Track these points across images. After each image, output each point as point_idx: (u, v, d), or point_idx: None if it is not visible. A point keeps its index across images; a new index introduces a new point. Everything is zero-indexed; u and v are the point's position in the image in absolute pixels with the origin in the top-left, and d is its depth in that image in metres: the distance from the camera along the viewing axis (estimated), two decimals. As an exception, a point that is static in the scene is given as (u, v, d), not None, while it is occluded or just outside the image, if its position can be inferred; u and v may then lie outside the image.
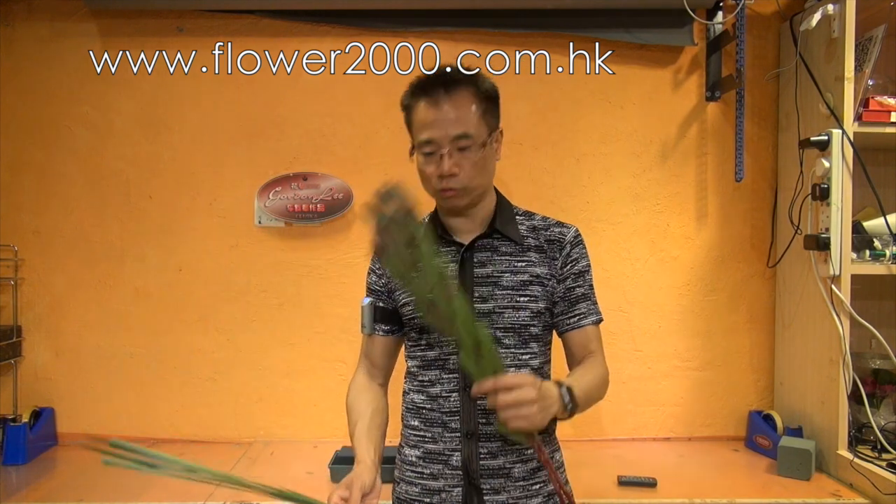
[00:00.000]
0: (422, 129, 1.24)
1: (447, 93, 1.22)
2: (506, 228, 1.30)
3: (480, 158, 1.23)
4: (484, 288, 1.26)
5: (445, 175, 1.22)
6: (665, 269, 2.26)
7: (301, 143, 2.23)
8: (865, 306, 1.90)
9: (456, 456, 1.25)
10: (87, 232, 2.22)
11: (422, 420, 1.30)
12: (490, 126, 1.26)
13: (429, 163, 1.24)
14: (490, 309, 1.26)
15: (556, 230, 1.32)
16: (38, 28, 2.20)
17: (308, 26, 2.21)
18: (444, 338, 1.27)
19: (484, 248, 1.29)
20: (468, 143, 1.21)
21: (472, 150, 1.22)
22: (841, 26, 1.86)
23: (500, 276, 1.27)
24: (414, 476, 1.30)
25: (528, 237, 1.31)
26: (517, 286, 1.27)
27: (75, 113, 2.21)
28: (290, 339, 2.24)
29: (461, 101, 1.22)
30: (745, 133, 2.18)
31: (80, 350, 2.22)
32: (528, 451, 1.26)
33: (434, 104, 1.22)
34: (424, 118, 1.23)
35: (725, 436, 2.26)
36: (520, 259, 1.29)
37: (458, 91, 1.22)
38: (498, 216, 1.31)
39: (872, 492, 1.70)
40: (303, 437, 2.23)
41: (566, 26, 2.18)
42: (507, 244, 1.30)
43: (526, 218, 1.34)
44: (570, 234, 1.31)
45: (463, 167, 1.22)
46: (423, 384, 1.30)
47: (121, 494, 1.76)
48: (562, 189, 2.25)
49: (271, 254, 2.23)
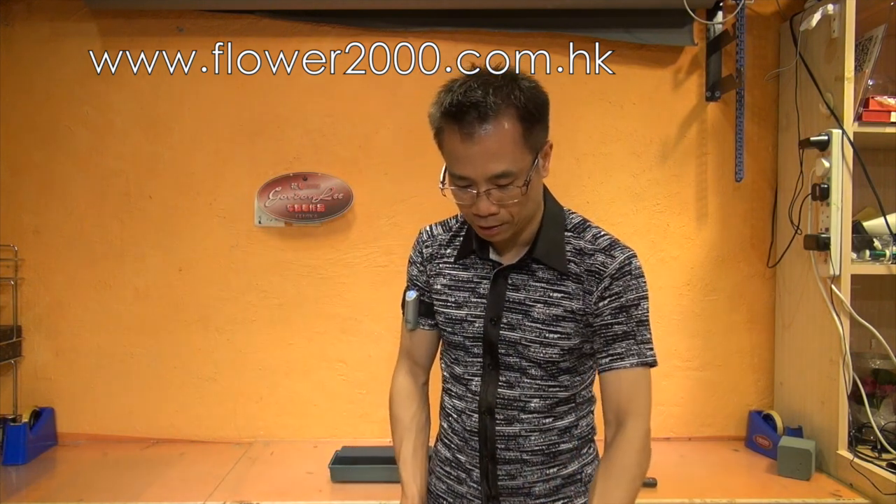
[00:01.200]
0: (454, 163, 1.08)
1: (483, 123, 1.03)
2: (548, 256, 1.16)
3: (523, 196, 1.08)
4: (514, 315, 1.17)
5: (483, 215, 1.09)
6: (665, 269, 2.26)
7: (301, 143, 2.23)
8: (865, 306, 1.90)
9: (476, 472, 1.23)
10: (87, 232, 2.22)
11: (449, 426, 1.28)
12: (535, 149, 1.09)
13: (463, 197, 1.10)
14: (517, 339, 1.17)
15: (600, 259, 1.15)
16: (38, 28, 2.20)
17: (308, 26, 2.21)
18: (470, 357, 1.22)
19: (521, 269, 1.18)
20: (508, 182, 1.06)
21: (514, 187, 1.07)
22: (841, 26, 1.86)
23: (531, 305, 1.16)
24: (443, 474, 1.30)
25: (572, 261, 1.17)
26: (548, 321, 1.16)
27: (75, 113, 2.21)
28: (290, 339, 2.24)
29: (499, 134, 1.03)
30: (745, 133, 2.18)
31: (80, 350, 2.22)
32: (550, 470, 1.21)
33: (468, 138, 1.04)
34: (457, 152, 1.06)
35: (725, 436, 2.26)
36: (556, 289, 1.16)
37: (497, 120, 1.03)
38: (541, 239, 1.17)
39: (872, 492, 1.70)
40: (303, 437, 2.23)
41: (566, 26, 2.18)
42: (545, 268, 1.17)
43: (575, 235, 1.19)
44: (613, 266, 1.14)
45: (504, 201, 1.08)
46: (451, 394, 1.27)
47: (121, 494, 1.76)
48: (562, 189, 2.20)
49: (271, 254, 2.23)
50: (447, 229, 1.29)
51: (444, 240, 1.28)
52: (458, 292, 1.23)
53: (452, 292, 1.23)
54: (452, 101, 1.04)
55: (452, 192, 1.11)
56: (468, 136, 1.03)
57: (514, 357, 1.18)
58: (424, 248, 1.29)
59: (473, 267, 1.23)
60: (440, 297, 1.25)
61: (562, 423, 1.20)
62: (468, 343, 1.21)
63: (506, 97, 1.04)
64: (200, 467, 1.97)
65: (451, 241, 1.27)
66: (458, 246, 1.26)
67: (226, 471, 1.93)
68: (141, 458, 2.08)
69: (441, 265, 1.26)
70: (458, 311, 1.22)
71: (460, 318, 1.22)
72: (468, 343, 1.21)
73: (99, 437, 2.21)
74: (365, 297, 2.23)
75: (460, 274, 1.24)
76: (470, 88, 1.04)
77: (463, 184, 1.08)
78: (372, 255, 2.23)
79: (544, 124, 1.11)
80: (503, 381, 1.19)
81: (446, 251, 1.27)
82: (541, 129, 1.10)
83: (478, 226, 1.13)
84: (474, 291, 1.21)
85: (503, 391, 1.19)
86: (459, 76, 1.10)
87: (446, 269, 1.26)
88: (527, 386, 1.18)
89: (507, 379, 1.19)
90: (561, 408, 1.20)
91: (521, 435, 1.19)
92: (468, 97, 1.03)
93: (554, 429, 1.20)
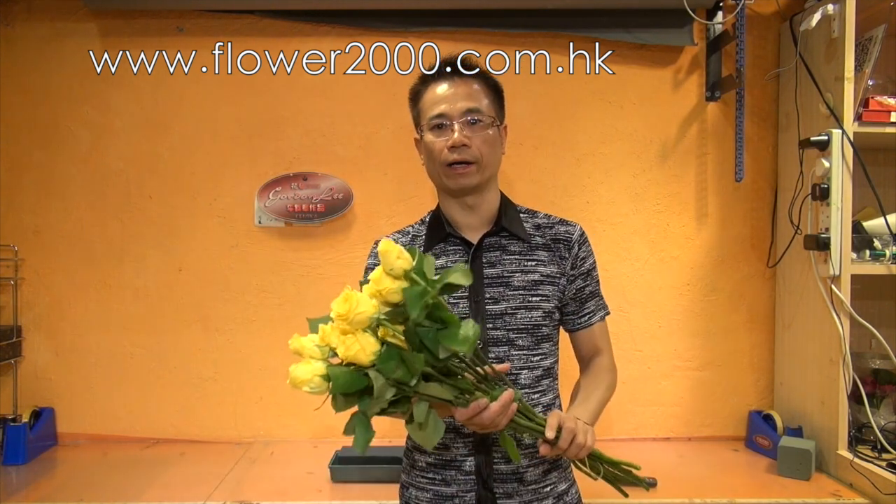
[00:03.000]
0: (433, 106, 1.26)
1: (459, 75, 1.27)
2: (513, 226, 1.30)
3: (490, 136, 1.25)
4: (495, 289, 1.26)
5: (457, 145, 1.23)
6: (665, 269, 2.26)
7: (301, 143, 2.23)
8: (865, 306, 1.90)
9: (469, 461, 1.24)
10: (87, 232, 2.22)
11: None
12: (497, 115, 1.29)
13: (439, 136, 1.25)
14: (502, 310, 1.25)
15: (562, 228, 1.32)
16: (38, 28, 2.20)
17: (308, 26, 2.21)
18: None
19: (492, 248, 1.29)
20: (479, 118, 1.24)
21: (483, 126, 1.25)
22: (841, 26, 1.86)
23: (510, 276, 1.27)
24: (426, 482, 1.28)
25: (535, 235, 1.31)
26: (528, 286, 1.27)
27: (75, 113, 2.21)
28: (290, 338, 2.23)
29: (472, 83, 1.27)
30: (745, 133, 2.18)
31: (80, 350, 2.22)
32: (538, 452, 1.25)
33: (446, 82, 1.26)
34: (436, 95, 1.26)
35: (725, 436, 2.26)
36: (529, 258, 1.29)
37: (470, 77, 1.27)
38: (503, 213, 1.30)
39: (872, 492, 1.70)
40: (303, 437, 2.23)
41: (566, 26, 2.18)
42: (515, 243, 1.29)
43: (529, 216, 1.34)
44: (577, 233, 1.32)
45: (474, 139, 1.24)
46: None
47: (121, 494, 1.76)
48: (562, 189, 2.25)
49: (271, 254, 2.23)
50: (406, 234, 1.37)
51: (405, 242, 1.34)
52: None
53: None
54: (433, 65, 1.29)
55: (426, 143, 1.26)
56: (447, 80, 1.26)
57: (501, 330, 1.24)
58: None
59: (445, 254, 1.30)
60: None
61: (544, 399, 1.28)
62: None
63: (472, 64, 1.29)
64: (200, 467, 1.97)
65: (413, 240, 1.34)
66: (423, 242, 1.32)
67: (226, 471, 1.93)
68: (141, 458, 2.08)
69: None
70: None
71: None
72: None
73: (99, 437, 2.22)
74: (365, 297, 2.23)
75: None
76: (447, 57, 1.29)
77: (439, 121, 1.24)
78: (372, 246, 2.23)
79: (503, 107, 1.33)
80: (493, 357, 1.24)
81: None
82: (501, 106, 1.32)
83: (450, 164, 1.24)
84: None
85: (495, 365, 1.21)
86: None
87: None
88: (515, 358, 1.25)
89: (497, 354, 1.25)
90: (545, 381, 1.29)
91: None
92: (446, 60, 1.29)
93: (539, 405, 1.26)
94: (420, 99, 1.30)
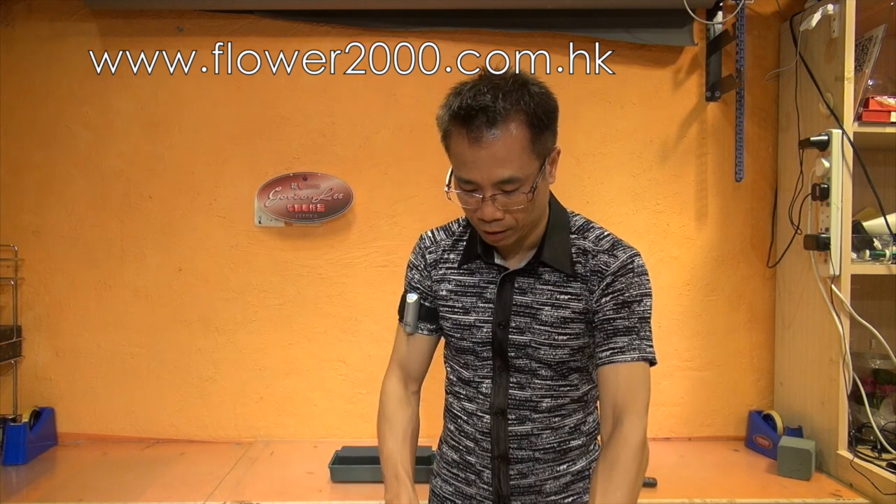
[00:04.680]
0: (461, 166, 1.07)
1: (491, 128, 1.02)
2: (554, 259, 1.16)
3: (529, 202, 1.08)
4: (522, 318, 1.17)
5: (488, 220, 1.08)
6: (665, 269, 2.26)
7: (301, 143, 2.23)
8: (865, 306, 1.90)
9: (487, 473, 1.23)
10: (87, 232, 2.22)
11: (457, 428, 1.27)
12: (543, 155, 1.08)
13: (469, 201, 1.09)
14: (526, 342, 1.17)
15: (604, 259, 1.15)
16: (38, 28, 2.20)
17: (308, 26, 2.21)
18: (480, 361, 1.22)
19: (527, 273, 1.18)
20: (514, 187, 1.05)
21: (520, 193, 1.06)
22: (841, 26, 1.86)
23: (539, 308, 1.16)
24: (450, 476, 1.29)
25: (577, 262, 1.17)
26: (556, 323, 1.16)
27: (75, 113, 2.21)
28: (290, 339, 2.24)
29: (507, 139, 1.02)
30: (745, 133, 2.18)
31: (80, 350, 2.22)
32: (560, 467, 1.22)
33: (475, 142, 1.03)
34: (464, 155, 1.05)
35: (725, 436, 2.26)
36: (563, 291, 1.17)
37: (505, 125, 1.02)
38: (547, 241, 1.17)
39: (872, 492, 1.70)
40: (303, 437, 2.23)
41: (566, 26, 2.18)
42: (551, 271, 1.17)
43: (580, 236, 1.19)
44: (616, 265, 1.14)
45: (509, 206, 1.07)
46: (459, 397, 1.26)
47: (121, 494, 1.76)
48: (562, 189, 2.20)
49: (271, 254, 2.23)
50: (450, 234, 1.28)
51: (448, 245, 1.27)
52: (465, 297, 1.22)
53: (459, 297, 1.23)
54: (462, 104, 1.03)
55: (458, 196, 1.11)
56: (476, 140, 1.02)
57: (523, 360, 1.18)
58: (427, 253, 1.28)
59: (479, 272, 1.22)
60: (446, 304, 1.24)
61: (571, 420, 1.22)
62: (478, 348, 1.21)
63: (515, 102, 1.03)
64: (200, 467, 1.97)
65: (455, 245, 1.26)
66: (462, 251, 1.25)
67: (226, 471, 1.93)
68: (141, 458, 2.08)
69: (445, 270, 1.25)
70: (465, 316, 1.21)
71: (469, 324, 1.21)
72: (478, 348, 1.21)
73: (99, 437, 2.22)
74: (365, 297, 2.23)
75: (466, 279, 1.23)
76: (479, 92, 1.03)
77: (469, 188, 1.08)
78: (371, 255, 2.23)
79: (553, 130, 1.10)
80: (514, 382, 1.19)
81: (450, 256, 1.26)
82: (549, 135, 1.09)
83: (483, 230, 1.13)
84: (481, 296, 1.21)
85: (514, 392, 1.19)
86: (469, 79, 1.09)
87: (451, 274, 1.25)
88: (538, 387, 1.19)
89: (518, 381, 1.19)
90: (572, 406, 1.21)
91: (532, 434, 1.20)
92: (477, 101, 1.02)
93: (565, 426, 1.21)
94: (449, 140, 1.09)
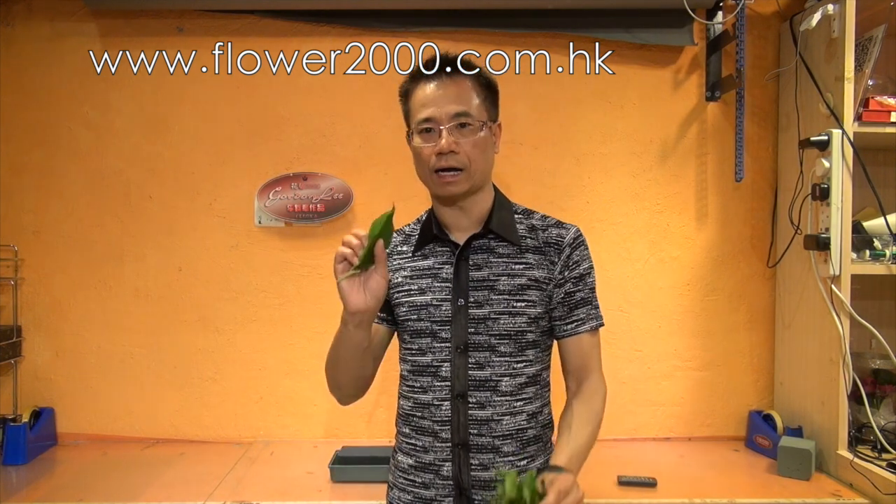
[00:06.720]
0: (421, 108, 1.22)
1: (448, 74, 1.22)
2: (502, 228, 1.25)
3: (480, 140, 1.21)
4: (479, 292, 1.23)
5: (444, 152, 1.19)
6: (665, 269, 2.26)
7: (301, 143, 2.23)
8: (865, 306, 1.90)
9: (447, 466, 1.23)
10: (87, 232, 2.22)
11: (413, 428, 1.28)
12: (489, 114, 1.25)
13: (427, 141, 1.21)
14: (486, 315, 1.22)
15: (555, 231, 1.27)
16: (38, 28, 2.20)
17: (308, 26, 2.21)
18: (438, 343, 1.24)
19: (480, 250, 1.26)
20: (468, 121, 1.20)
21: (472, 130, 1.20)
22: (841, 26, 1.86)
23: (496, 279, 1.23)
24: (406, 483, 1.29)
25: (527, 237, 1.26)
26: (514, 290, 1.22)
27: (75, 113, 2.21)
28: (290, 339, 2.24)
29: (462, 83, 1.22)
30: (745, 133, 2.18)
31: (80, 350, 2.22)
32: (521, 462, 1.24)
33: (435, 81, 1.22)
34: (424, 97, 1.22)
35: (725, 436, 2.26)
36: (517, 261, 1.24)
37: (460, 74, 1.22)
38: (494, 214, 1.26)
39: (872, 492, 1.70)
40: (303, 437, 2.23)
41: (566, 26, 2.18)
42: (504, 245, 1.25)
43: (525, 216, 1.30)
44: (570, 236, 1.26)
45: (462, 145, 1.19)
46: (415, 390, 1.27)
47: (121, 494, 1.76)
48: (562, 189, 2.25)
49: (271, 254, 2.23)
50: (400, 233, 1.36)
51: (400, 240, 1.35)
52: (421, 280, 1.27)
53: (415, 280, 1.28)
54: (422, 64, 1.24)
55: (415, 146, 1.23)
56: (435, 80, 1.22)
57: (483, 335, 1.22)
58: None
59: (433, 254, 1.29)
60: (401, 289, 1.29)
61: (529, 407, 1.26)
62: (436, 327, 1.24)
63: (467, 66, 1.24)
64: (200, 467, 1.97)
65: (407, 240, 1.34)
66: (415, 243, 1.31)
67: (226, 471, 1.93)
68: (141, 458, 2.08)
69: (399, 261, 1.32)
70: (421, 296, 1.26)
71: (425, 304, 1.25)
72: (436, 327, 1.24)
73: (99, 437, 2.22)
74: (365, 297, 2.23)
75: (420, 263, 1.29)
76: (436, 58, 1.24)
77: (427, 126, 1.21)
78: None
79: (496, 104, 1.28)
80: (473, 362, 1.22)
81: (402, 248, 1.33)
82: (494, 104, 1.27)
83: (437, 170, 1.21)
84: (437, 276, 1.26)
85: (474, 373, 1.22)
86: None
87: (405, 262, 1.31)
88: (496, 364, 1.22)
89: (477, 360, 1.23)
90: (529, 389, 1.26)
91: (492, 419, 1.22)
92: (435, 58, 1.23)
93: (523, 412, 1.24)
94: (409, 98, 1.26)
